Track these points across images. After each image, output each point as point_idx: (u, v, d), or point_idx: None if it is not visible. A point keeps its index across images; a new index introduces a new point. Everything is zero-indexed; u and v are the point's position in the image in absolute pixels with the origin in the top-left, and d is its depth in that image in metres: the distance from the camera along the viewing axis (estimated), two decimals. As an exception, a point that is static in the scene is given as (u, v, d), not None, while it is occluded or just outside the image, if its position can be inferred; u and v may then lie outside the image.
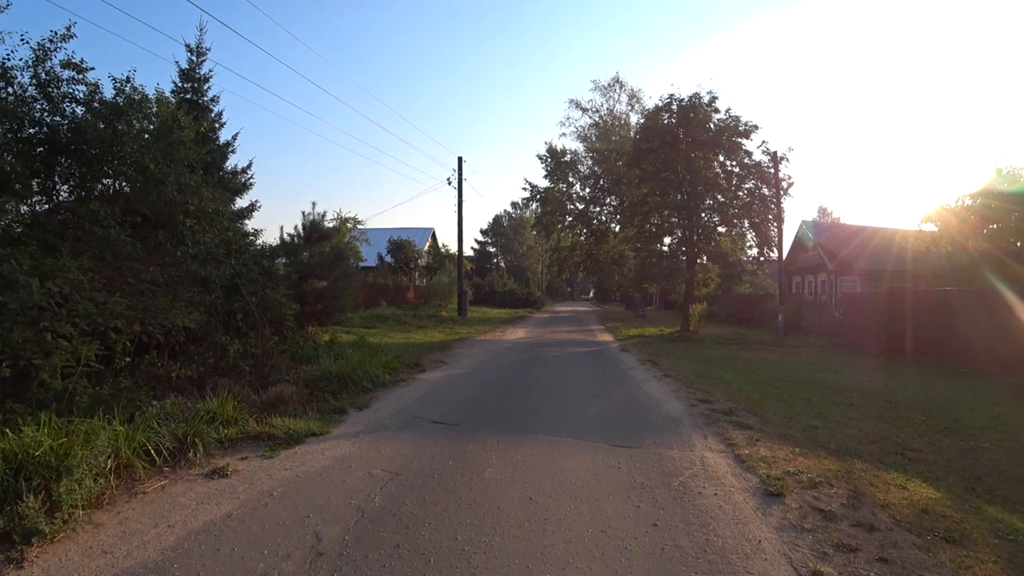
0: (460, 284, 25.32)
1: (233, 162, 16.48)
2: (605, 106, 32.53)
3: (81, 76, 7.91)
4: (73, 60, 7.73)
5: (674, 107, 20.72)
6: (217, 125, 16.24)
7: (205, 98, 16.18)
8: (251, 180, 16.90)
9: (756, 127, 20.42)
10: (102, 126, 7.93)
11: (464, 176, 25.33)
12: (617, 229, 30.32)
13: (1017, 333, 10.54)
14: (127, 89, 8.52)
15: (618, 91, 32.26)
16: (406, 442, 5.09)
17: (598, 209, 30.88)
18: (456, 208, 25.12)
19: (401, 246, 35.16)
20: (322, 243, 13.27)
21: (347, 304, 12.23)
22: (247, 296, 9.59)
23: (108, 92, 8.16)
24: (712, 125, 20.52)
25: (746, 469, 4.45)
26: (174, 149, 8.99)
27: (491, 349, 13.54)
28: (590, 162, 31.99)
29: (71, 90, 7.86)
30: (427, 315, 23.07)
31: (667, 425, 5.86)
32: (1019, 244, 16.44)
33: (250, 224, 19.09)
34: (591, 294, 76.06)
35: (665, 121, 21.00)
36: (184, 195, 9.01)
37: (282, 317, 10.74)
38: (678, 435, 5.45)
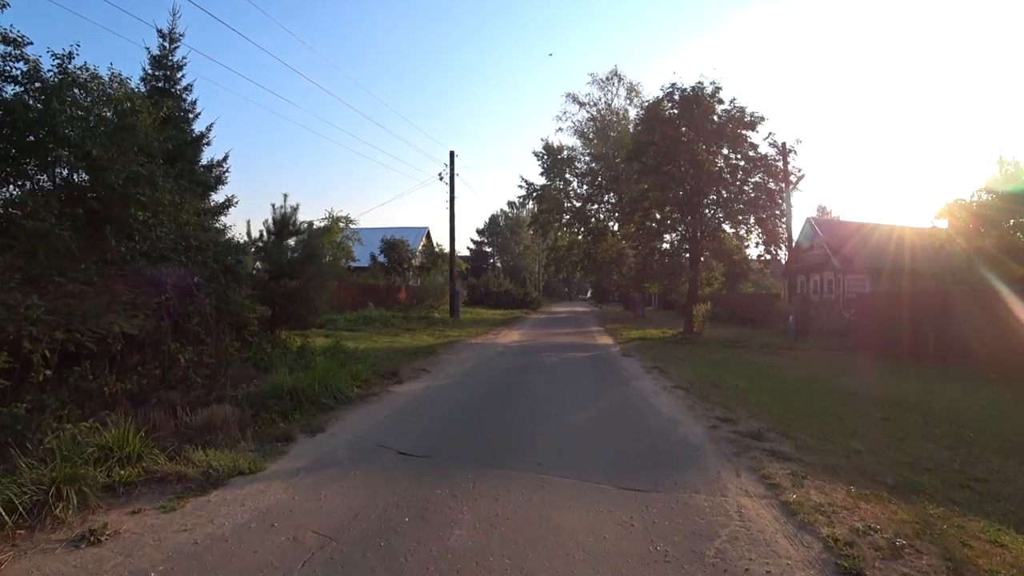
0: (452, 284, 24.17)
1: (210, 155, 15.45)
2: (603, 100, 31.52)
3: (19, 52, 6.97)
4: (10, 34, 6.77)
5: (676, 97, 19.65)
6: (191, 115, 15.18)
7: (178, 86, 15.14)
8: (227, 174, 15.85)
9: (762, 118, 19.36)
10: (40, 105, 7.01)
11: (457, 171, 24.21)
12: (615, 227, 29.41)
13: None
14: (70, 67, 7.52)
15: (616, 84, 31.26)
16: (357, 485, 3.96)
17: (596, 207, 29.94)
18: (448, 204, 23.99)
19: (394, 245, 34.15)
20: (299, 238, 12.14)
21: (321, 306, 11.11)
22: (201, 297, 8.47)
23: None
24: (716, 116, 19.49)
25: (801, 527, 3.34)
26: (125, 133, 8.01)
27: (481, 354, 12.42)
28: (587, 158, 31.02)
29: (8, 67, 6.93)
30: (417, 317, 21.92)
31: (687, 456, 4.74)
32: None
33: (226, 220, 17.91)
34: (589, 294, 74.90)
35: (667, 112, 19.94)
36: (136, 185, 7.99)
37: (244, 321, 9.64)
38: (703, 471, 4.33)
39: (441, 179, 24.17)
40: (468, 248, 64.02)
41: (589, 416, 6.29)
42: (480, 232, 66.69)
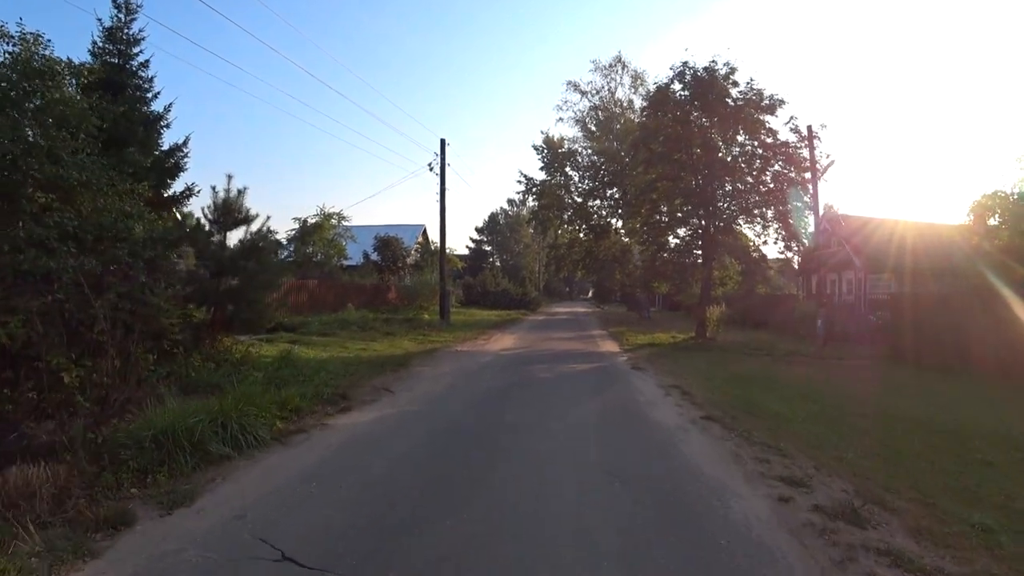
0: (442, 283, 22.32)
1: (172, 139, 13.80)
2: (606, 88, 29.71)
3: None
4: None
5: (687, 78, 17.78)
6: (148, 94, 13.43)
7: (133, 61, 13.37)
8: (186, 159, 14.07)
9: (782, 101, 17.50)
10: None
11: (449, 161, 22.37)
12: (619, 224, 27.72)
13: None
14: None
15: (620, 72, 29.41)
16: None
17: (598, 202, 28.19)
18: (438, 197, 22.15)
19: (388, 243, 32.45)
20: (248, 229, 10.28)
21: (268, 307, 9.29)
22: (93, 298, 6.64)
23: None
24: (730, 100, 17.63)
25: None
26: (22, 98, 6.40)
27: (464, 367, 10.54)
28: (589, 151, 29.25)
29: None
30: (403, 319, 20.06)
31: (755, 568, 2.87)
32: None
33: (187, 211, 16.19)
34: (590, 294, 72.91)
35: (678, 95, 18.10)
36: (37, 161, 6.32)
37: (162, 329, 7.84)
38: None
39: (431, 169, 22.35)
40: (467, 247, 62.16)
41: (591, 479, 4.36)
42: (479, 231, 64.93)
